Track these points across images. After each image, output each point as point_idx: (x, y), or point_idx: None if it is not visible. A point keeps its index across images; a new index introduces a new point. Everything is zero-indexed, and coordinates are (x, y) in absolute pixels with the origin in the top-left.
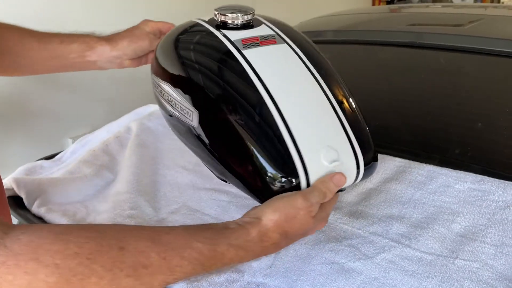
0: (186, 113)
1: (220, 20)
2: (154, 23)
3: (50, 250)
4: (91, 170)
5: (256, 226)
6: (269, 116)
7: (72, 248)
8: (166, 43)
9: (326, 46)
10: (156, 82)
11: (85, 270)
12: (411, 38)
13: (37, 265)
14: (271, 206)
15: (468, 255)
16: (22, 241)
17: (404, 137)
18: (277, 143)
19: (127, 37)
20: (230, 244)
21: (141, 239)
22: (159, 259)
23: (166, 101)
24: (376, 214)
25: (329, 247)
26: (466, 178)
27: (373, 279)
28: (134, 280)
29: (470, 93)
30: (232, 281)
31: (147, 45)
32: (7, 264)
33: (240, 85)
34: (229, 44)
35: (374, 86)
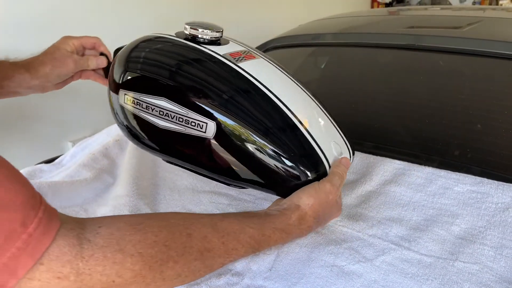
0: (195, 125)
1: (190, 34)
2: (76, 39)
3: (132, 240)
4: (91, 173)
5: (295, 211)
6: (289, 120)
7: (151, 237)
8: (146, 57)
9: (325, 49)
10: (137, 99)
11: (163, 256)
12: (410, 40)
13: (123, 255)
14: (305, 193)
15: (468, 257)
16: (103, 235)
17: (403, 139)
18: (304, 143)
19: (49, 63)
20: (275, 228)
21: (203, 226)
22: (219, 243)
23: (157, 117)
24: (376, 216)
25: (328, 250)
26: (465, 180)
27: (373, 281)
28: (201, 263)
29: (469, 95)
30: (232, 284)
31: (72, 68)
32: (95, 257)
33: (254, 94)
34: (221, 57)
35: (373, 88)
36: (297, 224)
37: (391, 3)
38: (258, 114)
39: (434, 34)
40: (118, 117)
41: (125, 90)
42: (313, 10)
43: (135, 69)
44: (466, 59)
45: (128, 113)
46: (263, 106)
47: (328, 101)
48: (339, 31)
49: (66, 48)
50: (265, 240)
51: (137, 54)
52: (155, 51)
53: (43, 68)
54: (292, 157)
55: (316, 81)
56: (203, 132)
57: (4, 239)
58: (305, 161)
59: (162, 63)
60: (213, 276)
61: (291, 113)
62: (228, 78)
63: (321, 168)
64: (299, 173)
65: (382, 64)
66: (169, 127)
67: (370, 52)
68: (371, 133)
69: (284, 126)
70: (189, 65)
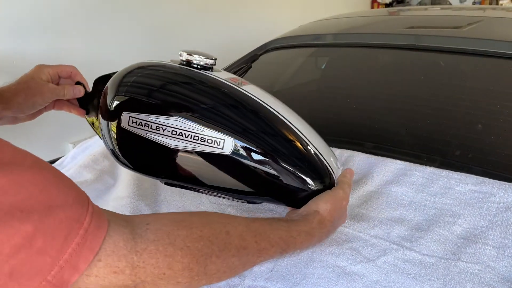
0: (212, 143)
1: (186, 60)
2: (51, 68)
3: (180, 235)
4: (92, 174)
5: (316, 216)
6: (299, 136)
7: (196, 232)
8: (152, 79)
9: (325, 49)
10: (145, 120)
11: (208, 251)
12: (410, 40)
13: (173, 248)
14: (323, 200)
15: (470, 257)
16: (152, 230)
17: (404, 140)
18: (314, 156)
19: (22, 92)
20: (301, 230)
21: (239, 224)
22: (253, 242)
23: (169, 137)
24: (377, 217)
25: (330, 250)
26: (467, 180)
27: (374, 282)
28: (237, 259)
29: (470, 95)
30: (233, 285)
31: (47, 97)
32: (148, 250)
33: (265, 112)
34: (226, 81)
35: (373, 88)
36: (318, 228)
37: (391, 3)
38: (272, 130)
39: (434, 34)
40: (116, 143)
41: (130, 113)
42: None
43: (142, 92)
44: (466, 59)
45: (133, 136)
46: (275, 123)
47: (328, 102)
48: (339, 31)
49: (41, 76)
50: (292, 241)
51: (140, 79)
52: (161, 74)
53: (16, 98)
54: (307, 168)
55: (317, 82)
56: (221, 149)
57: (64, 237)
58: (317, 172)
59: (172, 84)
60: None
61: (298, 129)
62: (240, 97)
63: (331, 179)
64: (313, 183)
65: (383, 64)
66: (182, 146)
67: (370, 53)
68: (372, 133)
69: (295, 140)
70: (200, 85)
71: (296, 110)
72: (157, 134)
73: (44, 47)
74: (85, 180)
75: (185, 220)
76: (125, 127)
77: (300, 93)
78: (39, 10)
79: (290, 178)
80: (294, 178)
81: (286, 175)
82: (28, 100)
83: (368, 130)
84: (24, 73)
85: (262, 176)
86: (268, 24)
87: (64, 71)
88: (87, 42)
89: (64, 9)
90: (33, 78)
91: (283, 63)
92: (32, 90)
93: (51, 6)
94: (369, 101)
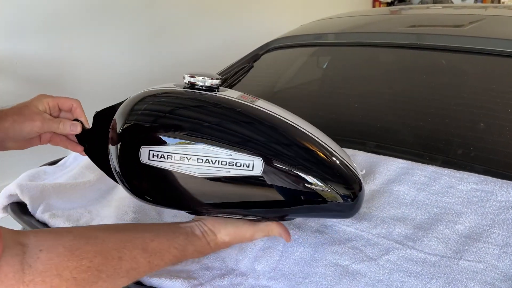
0: (241, 166)
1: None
2: (52, 98)
3: (69, 266)
4: (94, 175)
5: (213, 239)
6: (323, 146)
7: (86, 264)
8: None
9: (327, 49)
10: (167, 152)
11: (94, 279)
12: (412, 39)
13: (59, 279)
14: (225, 229)
15: (472, 256)
16: (43, 260)
17: (406, 138)
18: (342, 166)
19: (11, 117)
20: (195, 250)
21: (134, 248)
22: (145, 262)
23: (195, 166)
24: (379, 215)
25: (332, 249)
26: (469, 179)
27: (377, 281)
28: (126, 279)
29: (472, 93)
30: (236, 284)
31: (37, 127)
32: (34, 281)
33: (286, 126)
34: (239, 100)
35: (375, 87)
36: (212, 248)
37: (392, 2)
38: (297, 143)
39: (436, 32)
40: (133, 180)
41: (149, 147)
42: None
43: (159, 122)
44: (468, 57)
45: (156, 170)
46: (298, 136)
47: (330, 101)
48: (341, 30)
49: (37, 105)
50: (184, 258)
51: (153, 108)
52: (174, 101)
53: (2, 122)
54: (337, 177)
55: (318, 81)
56: (251, 170)
57: None
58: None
59: (189, 110)
60: (216, 277)
61: (320, 140)
62: (258, 115)
63: (360, 185)
64: (345, 191)
65: (384, 63)
66: (210, 173)
67: (372, 52)
68: (374, 132)
69: (320, 150)
70: (216, 108)
71: (298, 110)
72: (182, 164)
73: (45, 48)
74: (88, 180)
75: (78, 249)
76: (146, 162)
77: (302, 92)
78: (41, 11)
79: (322, 189)
80: (326, 189)
81: (318, 187)
82: (15, 126)
83: (370, 129)
84: (25, 74)
85: (295, 191)
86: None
87: (65, 104)
88: (89, 43)
89: (66, 10)
90: (28, 106)
91: (285, 62)
92: (23, 117)
93: (53, 7)
94: (371, 100)
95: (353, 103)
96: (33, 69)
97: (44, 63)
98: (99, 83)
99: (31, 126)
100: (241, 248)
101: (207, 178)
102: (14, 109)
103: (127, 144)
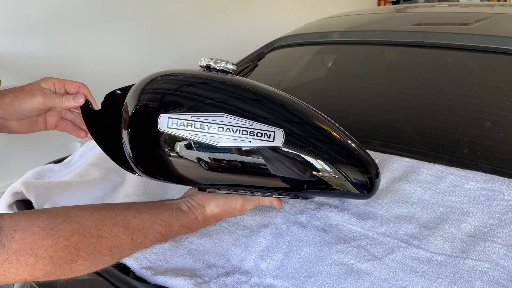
0: (262, 136)
1: (207, 64)
2: (58, 80)
3: (44, 245)
4: (100, 173)
5: (201, 213)
6: (340, 129)
7: (62, 242)
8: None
9: (332, 47)
10: (188, 119)
11: (73, 257)
12: (418, 37)
13: (35, 258)
14: (214, 202)
15: (479, 255)
16: (17, 239)
17: (412, 137)
18: (357, 147)
19: (11, 93)
20: (181, 225)
21: (115, 226)
22: (128, 240)
23: (214, 134)
24: (385, 214)
25: (337, 248)
26: (475, 178)
27: (382, 280)
28: (110, 257)
29: (478, 92)
30: (240, 282)
31: (37, 102)
32: (9, 260)
33: (304, 106)
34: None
35: (380, 86)
36: (201, 223)
37: (398, 0)
38: (318, 123)
39: (442, 31)
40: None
41: (168, 114)
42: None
43: (180, 90)
44: (474, 56)
45: (173, 139)
46: (318, 117)
47: (336, 99)
48: (346, 29)
49: (41, 84)
50: (171, 235)
51: (173, 81)
52: (194, 74)
53: (2, 98)
54: (355, 156)
55: (323, 80)
56: (272, 142)
57: None
58: (363, 162)
59: (212, 83)
60: (221, 275)
61: (337, 125)
62: (278, 93)
63: (376, 169)
64: (362, 172)
65: (390, 62)
66: (230, 143)
67: (377, 50)
68: (379, 131)
69: (338, 131)
70: (237, 82)
71: None
72: (202, 133)
73: (51, 47)
74: (93, 178)
75: (54, 228)
76: (164, 130)
77: (306, 91)
78: (46, 10)
79: (340, 166)
80: (345, 166)
81: (337, 163)
82: (14, 102)
83: (375, 128)
84: (31, 72)
85: (315, 167)
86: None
87: (72, 86)
88: (94, 41)
89: (71, 10)
90: (31, 84)
91: (290, 61)
92: (23, 92)
93: (58, 7)
94: (376, 99)
95: (358, 101)
96: (38, 67)
97: (50, 62)
98: (104, 81)
99: (31, 101)
100: (246, 247)
101: (227, 147)
102: (17, 88)
103: (145, 111)
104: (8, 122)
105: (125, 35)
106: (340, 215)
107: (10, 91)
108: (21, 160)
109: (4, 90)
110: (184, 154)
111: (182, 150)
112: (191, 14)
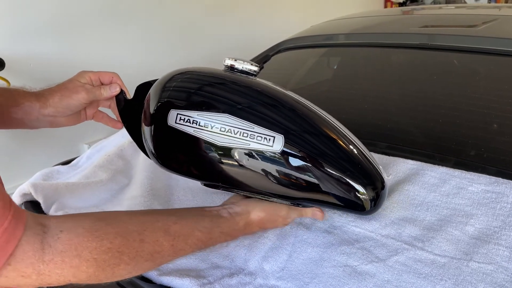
0: (261, 139)
1: (230, 65)
2: (92, 73)
3: (89, 247)
4: (106, 174)
5: (244, 218)
6: (349, 140)
7: (106, 244)
8: (201, 77)
9: (338, 49)
10: (193, 117)
11: (116, 261)
12: (424, 40)
13: (79, 260)
14: (260, 206)
15: (482, 258)
16: (63, 240)
17: (417, 139)
18: (363, 158)
19: (58, 92)
20: (221, 232)
21: (156, 231)
22: (169, 245)
23: (217, 134)
24: (389, 216)
25: (341, 250)
26: (479, 180)
27: (386, 282)
28: (151, 262)
29: (484, 94)
30: (244, 283)
31: (82, 98)
32: (54, 261)
33: (314, 113)
34: (271, 84)
35: (386, 88)
36: (242, 229)
37: (404, 2)
38: (322, 131)
39: (449, 33)
40: (160, 144)
41: (178, 110)
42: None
43: (191, 88)
44: (481, 58)
45: (179, 134)
46: (325, 124)
47: (341, 102)
48: (352, 31)
49: (80, 79)
50: (211, 242)
51: (188, 79)
52: (210, 74)
53: (52, 97)
54: (357, 168)
55: (329, 82)
56: (270, 146)
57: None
58: (367, 174)
59: (222, 83)
60: (225, 276)
61: (346, 133)
62: (289, 97)
63: (382, 183)
64: (364, 186)
65: (396, 64)
66: (231, 143)
67: (383, 52)
68: (384, 133)
69: (345, 143)
70: (247, 84)
71: None
72: (205, 131)
73: (59, 49)
74: (100, 179)
75: (99, 230)
76: (172, 125)
77: (312, 93)
78: (54, 13)
79: (340, 178)
80: (344, 178)
81: (336, 175)
82: (63, 100)
83: (380, 130)
84: (40, 75)
85: (312, 177)
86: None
87: (105, 77)
88: (101, 43)
89: (78, 12)
90: (72, 81)
91: (295, 63)
92: (68, 91)
93: (66, 9)
94: (382, 101)
95: (363, 104)
96: (47, 70)
97: (58, 64)
98: None
99: (77, 97)
100: (250, 248)
101: (227, 148)
102: (60, 86)
103: (159, 109)
104: (57, 118)
105: (133, 36)
106: (344, 217)
107: (55, 90)
108: (29, 162)
109: (49, 90)
110: (188, 149)
111: (186, 145)
112: (198, 16)
